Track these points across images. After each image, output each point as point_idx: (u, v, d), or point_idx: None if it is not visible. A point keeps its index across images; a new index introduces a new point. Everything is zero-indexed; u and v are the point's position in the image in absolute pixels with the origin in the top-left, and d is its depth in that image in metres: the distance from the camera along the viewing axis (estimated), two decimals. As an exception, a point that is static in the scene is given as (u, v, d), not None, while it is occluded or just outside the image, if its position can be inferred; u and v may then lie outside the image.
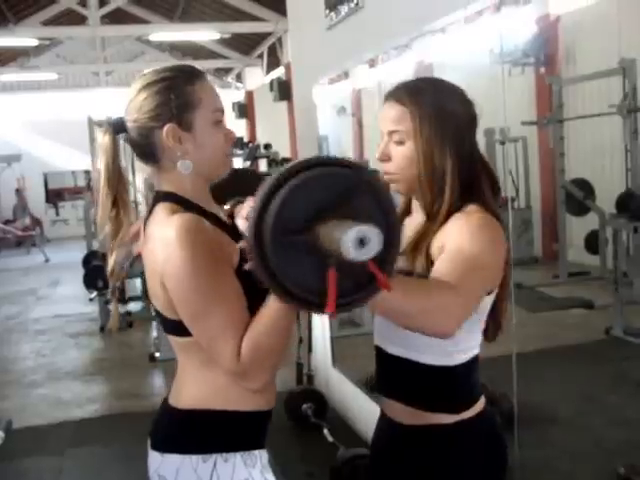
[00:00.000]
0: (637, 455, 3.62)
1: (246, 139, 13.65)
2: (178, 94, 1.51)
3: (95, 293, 7.76)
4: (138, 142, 1.56)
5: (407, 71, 3.58)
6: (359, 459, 3.50)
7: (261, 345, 1.39)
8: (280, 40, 15.86)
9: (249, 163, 10.60)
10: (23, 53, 18.45)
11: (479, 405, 1.67)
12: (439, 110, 1.58)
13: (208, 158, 1.56)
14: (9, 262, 14.82)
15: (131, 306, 7.91)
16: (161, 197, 1.56)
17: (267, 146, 11.08)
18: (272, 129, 16.07)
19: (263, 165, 11.51)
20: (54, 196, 21.19)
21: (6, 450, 4.51)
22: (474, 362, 1.67)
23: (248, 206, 1.83)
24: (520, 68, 9.03)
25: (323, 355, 4.79)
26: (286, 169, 1.07)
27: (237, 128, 17.45)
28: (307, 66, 4.73)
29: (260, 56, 17.96)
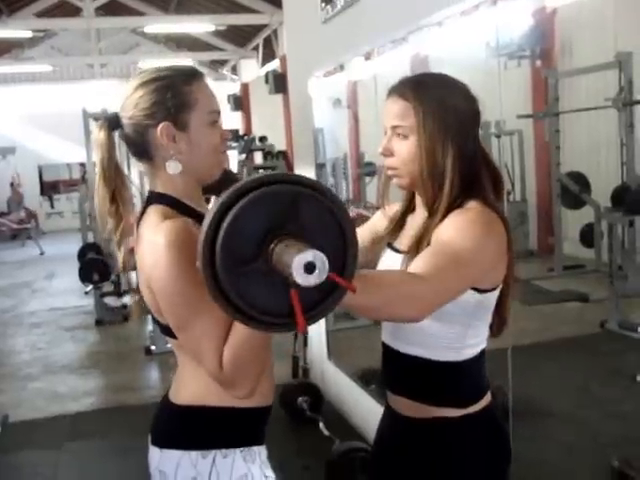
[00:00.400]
0: (632, 449, 3.63)
1: (241, 132, 13.64)
2: (175, 93, 1.51)
3: (90, 286, 7.75)
4: (133, 139, 1.56)
5: (403, 64, 3.57)
6: (355, 452, 3.50)
7: (240, 356, 1.39)
8: (275, 32, 15.83)
9: (244, 156, 10.60)
10: (17, 45, 18.37)
11: (485, 399, 1.68)
12: (443, 106, 1.58)
13: (202, 158, 1.56)
14: (4, 255, 14.80)
15: (126, 299, 7.90)
16: (154, 198, 1.56)
17: (262, 139, 11.06)
18: (268, 122, 16.04)
19: (259, 158, 11.50)
20: (49, 189, 21.17)
21: (2, 444, 4.51)
22: (481, 356, 1.67)
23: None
24: (516, 61, 9.04)
25: (319, 348, 4.79)
26: (225, 196, 1.03)
27: (232, 121, 17.46)
28: (303, 59, 4.71)
29: (255, 48, 17.93)
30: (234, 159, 11.13)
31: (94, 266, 7.62)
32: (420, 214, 1.67)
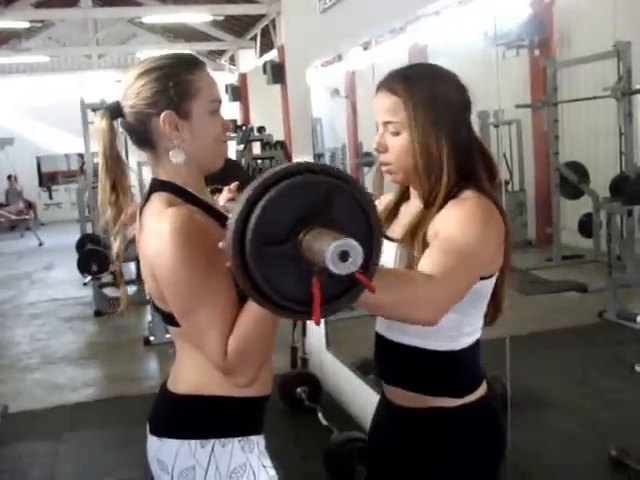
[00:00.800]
0: (629, 438, 3.64)
1: (240, 122, 13.63)
2: (177, 82, 1.50)
3: (89, 277, 7.74)
4: (135, 128, 1.55)
5: (401, 54, 3.56)
6: (353, 442, 3.51)
7: (246, 345, 1.39)
8: (273, 22, 15.79)
9: (243, 146, 10.59)
10: (15, 35, 18.32)
11: (482, 389, 1.68)
12: (433, 97, 1.57)
13: (204, 147, 1.55)
14: (3, 246, 14.79)
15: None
16: (158, 186, 1.55)
17: (261, 129, 11.06)
18: (266, 112, 16.02)
19: (257, 148, 11.50)
20: (47, 179, 21.16)
21: (2, 435, 4.51)
22: (477, 345, 1.67)
23: (225, 196, 1.81)
24: (514, 51, 9.01)
25: (317, 338, 4.80)
26: (263, 179, 1.04)
27: (230, 111, 17.43)
28: (301, 49, 4.70)
29: (253, 38, 17.88)
30: (232, 149, 11.13)
31: (93, 257, 7.61)
32: (414, 203, 1.67)
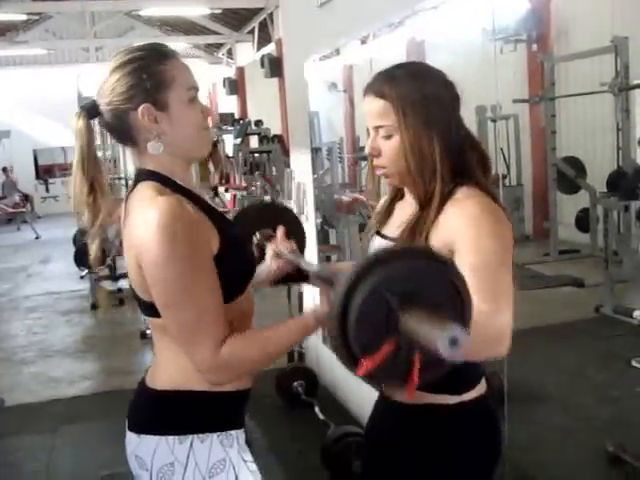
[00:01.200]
0: (626, 433, 3.65)
1: (237, 116, 13.60)
2: (150, 74, 1.48)
3: (86, 271, 7.73)
4: (113, 125, 1.53)
5: (399, 48, 3.55)
6: (350, 437, 3.51)
7: (247, 357, 1.46)
8: (271, 16, 15.74)
9: (240, 140, 10.57)
10: (11, 28, 18.26)
11: (481, 387, 1.67)
12: (420, 97, 1.56)
13: (186, 136, 1.53)
14: (-1, 239, 14.78)
15: (122, 283, 7.90)
16: (145, 175, 1.53)
17: (258, 123, 11.04)
18: (263, 105, 15.98)
19: (254, 142, 11.47)
20: (44, 172, 21.12)
21: (-2, 427, 4.52)
22: None
23: (279, 243, 1.82)
24: (512, 45, 9.00)
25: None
26: (365, 263, 1.15)
27: (228, 104, 17.41)
28: (298, 42, 4.69)
29: (251, 32, 17.81)
30: (230, 143, 11.12)
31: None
32: (410, 202, 1.66)
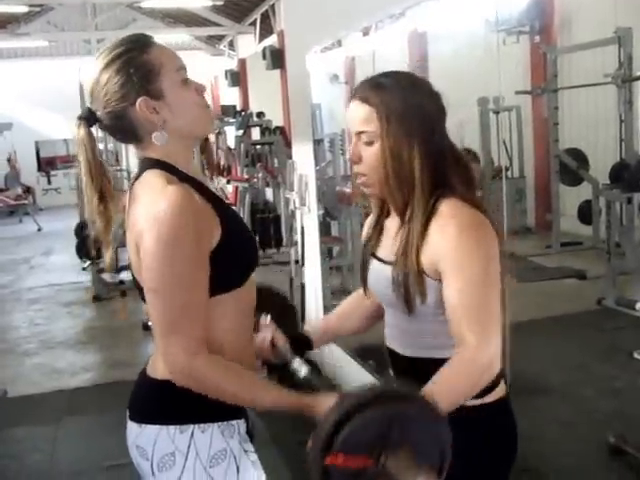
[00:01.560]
0: (628, 424, 3.65)
1: (239, 107, 13.58)
2: (137, 66, 1.48)
3: (88, 262, 7.73)
4: (115, 126, 1.53)
5: (401, 40, 3.55)
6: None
7: (223, 384, 1.48)
8: (273, 7, 15.69)
9: (242, 131, 10.56)
10: (13, 20, 18.22)
11: (500, 390, 1.65)
12: (405, 106, 1.54)
13: (189, 117, 1.53)
14: (1, 231, 14.77)
15: (124, 275, 7.89)
16: (151, 164, 1.52)
17: (260, 114, 11.02)
18: (265, 97, 15.95)
19: (256, 133, 11.46)
20: (46, 165, 21.11)
21: (0, 419, 4.52)
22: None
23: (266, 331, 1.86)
24: (515, 37, 8.97)
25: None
26: (341, 408, 1.30)
27: (230, 96, 17.38)
28: (300, 34, 4.68)
29: (253, 23, 17.76)
30: (232, 135, 11.10)
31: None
32: (395, 218, 1.64)
